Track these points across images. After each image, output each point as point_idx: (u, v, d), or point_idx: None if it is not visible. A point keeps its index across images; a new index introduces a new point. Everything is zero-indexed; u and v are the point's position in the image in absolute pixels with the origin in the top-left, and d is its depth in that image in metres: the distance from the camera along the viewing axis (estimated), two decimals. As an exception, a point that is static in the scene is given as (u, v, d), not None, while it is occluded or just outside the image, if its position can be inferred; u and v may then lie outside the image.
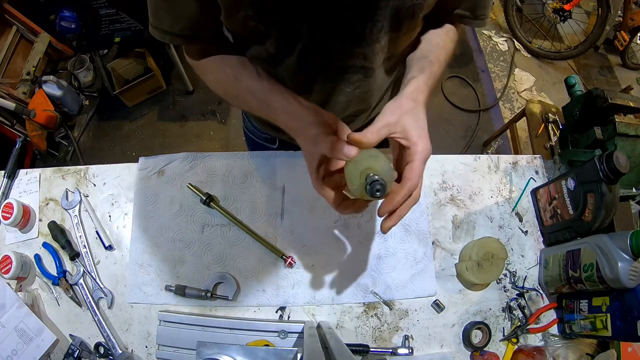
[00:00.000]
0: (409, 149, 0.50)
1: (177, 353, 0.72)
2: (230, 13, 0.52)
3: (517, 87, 2.56)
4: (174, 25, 0.56)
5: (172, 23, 0.56)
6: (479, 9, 0.62)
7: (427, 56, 0.59)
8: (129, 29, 2.00)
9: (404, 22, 0.53)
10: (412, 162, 0.49)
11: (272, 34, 0.54)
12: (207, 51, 0.61)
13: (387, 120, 0.50)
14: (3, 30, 2.14)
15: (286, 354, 0.52)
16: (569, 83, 0.89)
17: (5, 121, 2.00)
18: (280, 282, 0.78)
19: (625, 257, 0.62)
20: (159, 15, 0.55)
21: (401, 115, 0.50)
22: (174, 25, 0.56)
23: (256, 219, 0.81)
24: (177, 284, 0.76)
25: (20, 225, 0.80)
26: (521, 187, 0.88)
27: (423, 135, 0.51)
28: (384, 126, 0.50)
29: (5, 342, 0.71)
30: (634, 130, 0.76)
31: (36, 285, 0.78)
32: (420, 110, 0.52)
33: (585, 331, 0.71)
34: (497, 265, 0.75)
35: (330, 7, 0.49)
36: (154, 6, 0.55)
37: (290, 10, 0.50)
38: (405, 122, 0.50)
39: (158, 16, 0.56)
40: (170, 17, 0.55)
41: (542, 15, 2.78)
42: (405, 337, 0.75)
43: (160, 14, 0.55)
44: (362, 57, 0.58)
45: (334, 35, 0.54)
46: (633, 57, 2.74)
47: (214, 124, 2.29)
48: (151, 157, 0.86)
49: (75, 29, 2.34)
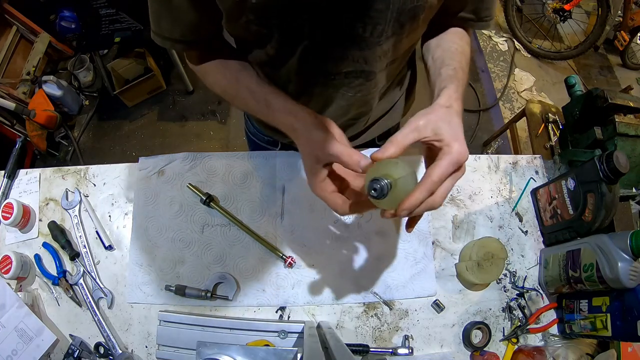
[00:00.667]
0: (442, 150, 0.46)
1: (177, 353, 0.72)
2: (232, 18, 0.52)
3: (517, 87, 2.56)
4: (174, 32, 0.56)
5: (172, 29, 0.56)
6: (482, 10, 0.61)
7: (450, 64, 0.57)
8: (129, 29, 2.00)
9: (406, 24, 0.53)
10: (441, 161, 0.46)
11: (274, 37, 0.54)
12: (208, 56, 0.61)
13: (415, 124, 0.47)
14: (3, 30, 2.14)
15: (286, 354, 0.52)
16: (569, 83, 0.89)
17: (5, 121, 2.00)
18: (280, 282, 0.77)
19: (625, 257, 0.62)
20: (159, 22, 0.56)
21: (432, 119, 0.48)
22: (174, 32, 0.56)
23: (256, 219, 0.81)
24: (177, 284, 0.76)
25: (20, 225, 0.80)
26: (521, 187, 0.88)
27: (458, 138, 0.47)
28: (412, 130, 0.47)
29: (5, 342, 0.71)
30: (634, 130, 0.76)
31: (36, 285, 0.78)
32: (455, 116, 0.49)
33: (585, 331, 0.71)
34: (497, 265, 0.75)
35: (330, 10, 0.49)
36: (154, 13, 0.55)
37: (292, 14, 0.50)
38: (437, 125, 0.47)
39: (158, 23, 0.56)
40: (170, 23, 0.55)
41: (542, 15, 2.78)
42: (405, 337, 0.75)
43: (160, 21, 0.56)
44: (363, 61, 0.57)
45: (334, 38, 0.53)
46: (633, 57, 2.74)
47: (214, 124, 2.30)
48: (151, 157, 0.86)
49: (75, 29, 2.34)
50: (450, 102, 0.50)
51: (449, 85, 0.53)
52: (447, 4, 0.57)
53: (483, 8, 0.61)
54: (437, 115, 0.48)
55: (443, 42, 0.62)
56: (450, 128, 0.47)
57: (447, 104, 0.50)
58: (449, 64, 0.57)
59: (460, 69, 0.57)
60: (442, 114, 0.48)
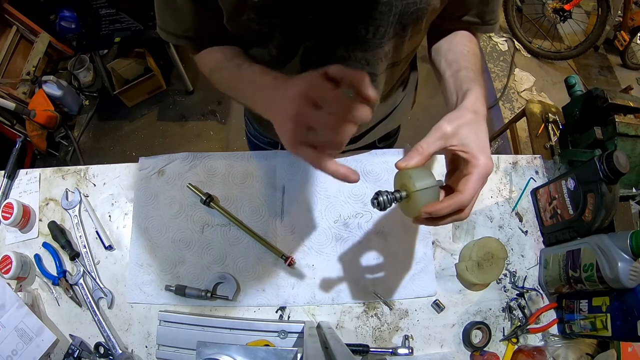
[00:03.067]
0: (469, 162, 0.45)
1: (177, 353, 0.72)
2: (233, 16, 0.52)
3: (517, 87, 2.56)
4: (178, 28, 0.57)
5: (175, 26, 0.57)
6: (487, 14, 0.61)
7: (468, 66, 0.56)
8: (129, 29, 2.00)
9: (408, 27, 0.53)
10: (470, 175, 0.45)
11: (275, 36, 0.54)
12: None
13: (443, 131, 0.46)
14: (3, 30, 2.14)
15: (286, 354, 0.52)
16: (569, 83, 0.89)
17: (5, 121, 2.00)
18: (280, 282, 0.78)
19: (625, 257, 0.62)
20: (163, 18, 0.58)
21: (460, 127, 0.46)
22: (177, 28, 0.57)
23: (256, 219, 0.81)
24: (177, 284, 0.76)
25: (20, 225, 0.80)
26: (521, 187, 0.88)
27: (485, 150, 0.46)
28: (440, 137, 0.46)
29: (5, 342, 0.71)
30: (634, 130, 0.76)
31: (36, 285, 0.78)
32: (482, 123, 0.48)
33: (585, 331, 0.71)
34: (497, 265, 0.75)
35: (332, 11, 0.49)
36: (159, 9, 0.57)
37: (293, 14, 0.50)
38: (464, 135, 0.46)
39: (163, 19, 0.58)
40: (173, 20, 0.57)
41: (542, 15, 2.78)
42: (405, 337, 0.75)
43: (164, 17, 0.57)
44: (365, 62, 0.57)
45: (336, 39, 0.53)
46: (633, 57, 2.74)
47: (214, 124, 2.29)
48: (151, 157, 0.86)
49: (75, 29, 2.34)
50: (477, 106, 0.49)
51: (474, 87, 0.52)
52: (451, 7, 0.57)
53: (488, 12, 0.61)
54: (465, 120, 0.47)
55: (454, 46, 0.61)
56: (477, 138, 0.46)
57: (474, 108, 0.48)
58: (467, 66, 0.56)
59: (478, 71, 0.56)
60: (470, 120, 0.47)
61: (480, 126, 0.47)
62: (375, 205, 0.46)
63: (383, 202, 0.45)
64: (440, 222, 0.46)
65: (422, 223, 0.47)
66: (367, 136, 0.84)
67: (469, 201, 0.45)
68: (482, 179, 0.45)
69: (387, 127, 0.86)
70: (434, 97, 2.14)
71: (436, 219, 0.46)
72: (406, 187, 0.46)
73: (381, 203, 0.45)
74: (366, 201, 0.83)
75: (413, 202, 0.46)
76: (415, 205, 0.46)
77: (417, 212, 0.46)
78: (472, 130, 0.46)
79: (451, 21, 0.62)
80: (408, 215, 0.49)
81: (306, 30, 0.52)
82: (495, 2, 0.61)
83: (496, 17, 0.63)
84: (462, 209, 0.45)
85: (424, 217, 0.46)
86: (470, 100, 0.49)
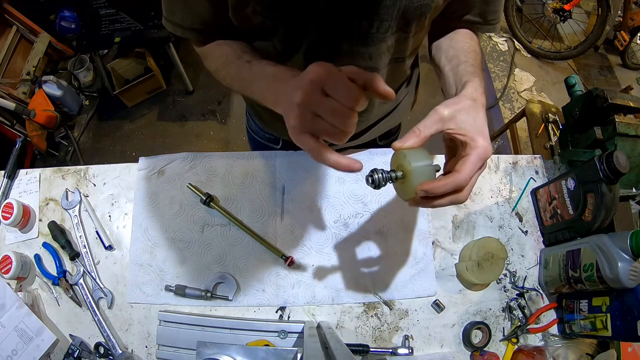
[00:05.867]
0: (467, 144, 0.45)
1: (177, 353, 0.72)
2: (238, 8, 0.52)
3: (517, 87, 2.56)
4: (186, 19, 0.57)
5: (183, 17, 0.57)
6: (489, 13, 0.61)
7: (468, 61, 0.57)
8: (129, 29, 2.01)
9: (412, 22, 0.53)
10: (468, 156, 0.44)
11: (279, 30, 0.54)
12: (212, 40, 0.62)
13: (440, 115, 0.46)
14: (3, 30, 2.14)
15: (286, 354, 0.52)
16: (569, 83, 0.89)
17: (5, 121, 2.00)
18: (280, 282, 0.77)
19: (625, 257, 0.62)
20: (171, 9, 0.57)
21: (458, 111, 0.46)
22: (185, 20, 0.57)
23: (256, 219, 0.81)
24: (177, 284, 0.76)
25: (20, 225, 0.80)
26: (521, 187, 0.88)
27: (483, 133, 0.45)
28: (437, 121, 0.45)
29: (5, 342, 0.71)
30: (634, 130, 0.76)
31: (36, 285, 0.78)
32: (480, 109, 0.48)
33: (585, 331, 0.71)
34: (497, 265, 0.75)
35: (337, 7, 0.49)
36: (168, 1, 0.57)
37: (296, 7, 0.50)
38: (461, 119, 0.46)
39: (171, 10, 0.57)
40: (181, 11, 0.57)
41: (542, 15, 2.78)
42: (405, 337, 0.75)
43: (172, 8, 0.57)
44: (368, 57, 0.57)
45: (340, 33, 0.54)
46: (633, 57, 2.74)
47: (214, 124, 2.29)
48: (151, 157, 0.86)
49: (75, 29, 2.34)
50: (476, 95, 0.49)
51: (473, 79, 0.52)
52: (453, 6, 0.57)
53: (490, 11, 0.61)
54: (462, 106, 0.47)
55: (455, 43, 0.61)
56: (474, 122, 0.46)
57: (472, 97, 0.48)
58: (466, 61, 0.57)
59: (478, 67, 0.57)
60: (468, 106, 0.47)
61: (478, 112, 0.47)
62: (370, 183, 0.44)
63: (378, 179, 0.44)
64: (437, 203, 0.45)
65: (418, 204, 0.46)
66: (369, 133, 0.84)
67: (467, 181, 0.44)
68: (481, 160, 0.45)
69: (389, 124, 0.86)
70: (434, 96, 2.13)
71: (432, 198, 0.45)
72: (402, 167, 0.45)
73: (376, 180, 0.44)
74: (366, 201, 0.83)
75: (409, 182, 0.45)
76: (411, 184, 0.44)
77: (412, 192, 0.44)
78: (470, 115, 0.46)
79: (453, 20, 0.62)
80: (404, 197, 0.47)
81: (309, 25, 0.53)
82: (497, 2, 0.61)
83: (498, 17, 0.63)
84: (460, 189, 0.44)
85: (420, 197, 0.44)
86: (469, 89, 0.50)
